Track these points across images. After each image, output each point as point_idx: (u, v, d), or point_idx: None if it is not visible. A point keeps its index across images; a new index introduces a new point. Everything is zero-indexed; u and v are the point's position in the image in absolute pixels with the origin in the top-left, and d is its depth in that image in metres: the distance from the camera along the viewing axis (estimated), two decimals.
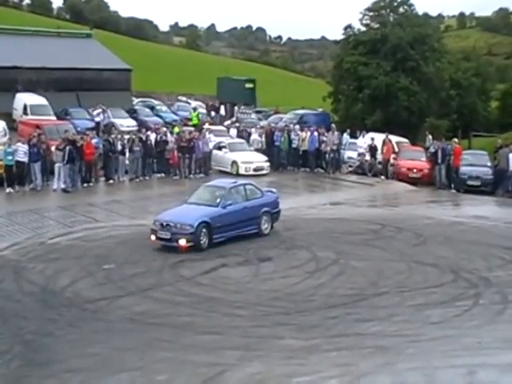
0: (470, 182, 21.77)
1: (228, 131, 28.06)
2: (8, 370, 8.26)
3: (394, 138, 25.30)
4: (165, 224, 13.87)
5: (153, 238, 14.01)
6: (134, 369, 8.12)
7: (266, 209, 15.33)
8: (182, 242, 13.67)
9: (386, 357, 8.35)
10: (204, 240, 13.88)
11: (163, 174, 22.96)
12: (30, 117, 28.61)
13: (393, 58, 33.31)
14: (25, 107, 30.03)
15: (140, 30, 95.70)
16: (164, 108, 39.11)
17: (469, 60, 40.63)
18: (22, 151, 19.72)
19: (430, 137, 26.96)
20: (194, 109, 38.23)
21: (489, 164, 22.17)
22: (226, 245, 14.29)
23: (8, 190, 19.38)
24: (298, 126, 26.61)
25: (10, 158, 19.49)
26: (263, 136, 25.64)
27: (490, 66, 47.67)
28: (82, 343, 9.05)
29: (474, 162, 22.35)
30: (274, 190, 16.60)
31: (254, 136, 26.19)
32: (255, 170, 23.78)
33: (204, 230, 13.87)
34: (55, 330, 9.52)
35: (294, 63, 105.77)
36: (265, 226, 15.26)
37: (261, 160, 24.17)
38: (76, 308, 10.46)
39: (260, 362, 8.31)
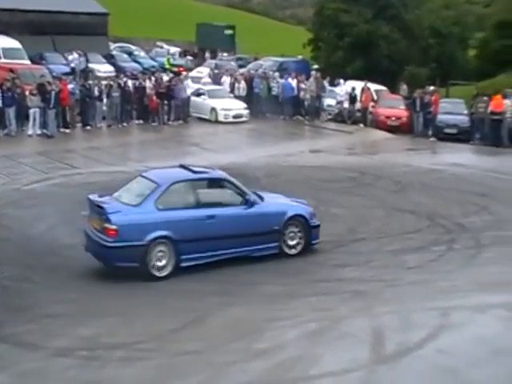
0: (447, 130, 21.90)
1: (220, 79, 27.30)
2: None
3: (373, 86, 25.16)
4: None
5: None
6: (113, 314, 8.17)
7: None
8: None
9: (363, 301, 8.49)
10: None
11: (142, 121, 22.67)
12: (2, 60, 27.78)
13: (374, 5, 32.85)
14: None
15: None
16: (142, 54, 38.35)
17: (449, 8, 40.19)
18: None
19: (405, 86, 26.85)
20: (169, 54, 37.65)
21: (465, 112, 22.23)
22: None
23: None
24: (277, 74, 26.29)
25: None
26: (242, 82, 25.31)
27: (470, 14, 47.32)
28: (61, 289, 9.05)
29: (452, 110, 22.40)
30: None
31: (228, 81, 25.82)
32: (234, 117, 23.59)
33: None
34: (33, 276, 9.48)
35: (275, 10, 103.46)
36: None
37: (240, 107, 23.93)
38: (54, 254, 10.40)
39: (240, 307, 8.40)
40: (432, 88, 23.54)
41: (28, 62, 28.02)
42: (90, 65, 30.62)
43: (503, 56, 30.36)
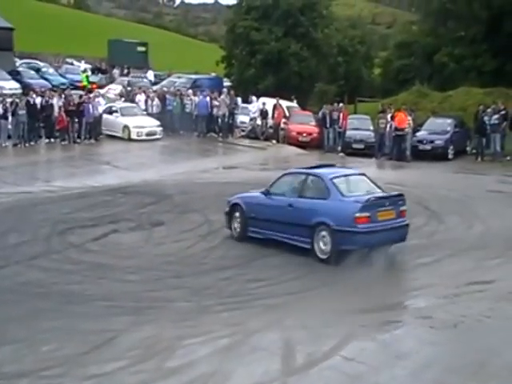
0: (354, 146, 22.77)
1: (134, 97, 26.80)
2: None
3: (285, 103, 25.77)
4: None
5: None
6: (17, 341, 7.81)
7: (323, 219, 10.39)
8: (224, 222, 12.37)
9: (275, 315, 8.63)
10: (238, 226, 11.92)
11: (51, 140, 22.09)
12: None
13: (284, 23, 33.67)
14: None
15: None
16: (51, 70, 37.36)
17: (355, 28, 42.08)
18: None
19: (295, 101, 27.61)
20: (84, 70, 36.88)
21: (371, 128, 23.22)
22: (118, 210, 14.06)
23: None
24: (190, 91, 26.38)
25: None
26: (155, 100, 25.25)
27: (374, 34, 49.81)
28: None
29: (359, 126, 23.35)
30: (379, 191, 10.80)
31: (142, 99, 25.66)
32: (147, 134, 23.46)
33: (239, 215, 11.83)
34: None
35: (188, 27, 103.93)
36: (321, 246, 10.51)
37: (153, 124, 23.82)
38: None
39: (151, 326, 8.30)
40: (341, 105, 24.42)
41: None
42: None
43: (403, 74, 32.16)
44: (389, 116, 22.21)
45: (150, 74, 38.71)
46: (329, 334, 7.82)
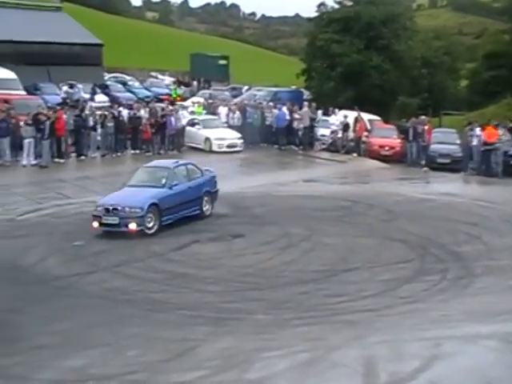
0: (440, 160, 22.05)
1: (216, 109, 27.25)
2: None
3: (367, 116, 25.40)
4: (111, 208, 12.98)
5: (95, 224, 13.07)
6: (103, 345, 8.09)
7: (206, 188, 14.97)
8: (133, 226, 12.89)
9: (355, 331, 8.45)
10: (153, 223, 13.30)
11: (137, 151, 22.80)
12: None
13: (365, 36, 33.20)
14: None
15: (111, 4, 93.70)
16: (136, 84, 38.72)
17: (440, 39, 41.04)
18: None
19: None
20: (174, 83, 37.99)
21: (458, 142, 22.43)
22: (199, 221, 14.29)
23: None
24: (271, 103, 26.53)
25: None
26: (236, 112, 25.52)
27: (460, 45, 48.34)
28: (51, 320, 8.95)
29: (444, 140, 22.62)
30: (211, 169, 15.87)
31: (224, 112, 26.00)
32: (228, 146, 23.73)
33: (153, 213, 13.31)
34: (23, 307, 9.39)
35: (268, 40, 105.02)
36: (206, 207, 14.91)
37: (234, 137, 24.09)
38: (45, 285, 10.36)
39: (230, 337, 8.36)
40: (423, 117, 23.81)
41: (23, 92, 28.21)
42: (85, 95, 30.86)
43: (492, 87, 30.88)
44: (477, 130, 21.38)
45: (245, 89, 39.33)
46: (412, 354, 7.57)
